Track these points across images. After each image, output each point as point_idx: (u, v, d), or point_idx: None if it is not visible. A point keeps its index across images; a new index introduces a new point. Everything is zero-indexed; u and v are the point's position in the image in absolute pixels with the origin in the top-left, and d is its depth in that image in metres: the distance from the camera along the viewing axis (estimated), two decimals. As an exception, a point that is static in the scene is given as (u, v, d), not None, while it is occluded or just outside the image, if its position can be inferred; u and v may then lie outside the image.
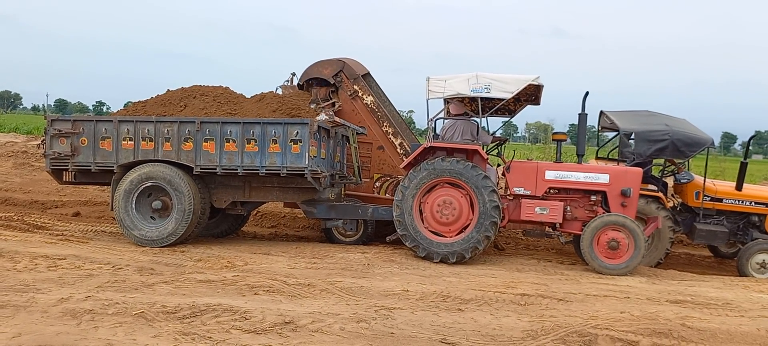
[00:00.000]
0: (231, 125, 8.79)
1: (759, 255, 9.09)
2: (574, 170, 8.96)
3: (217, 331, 5.11)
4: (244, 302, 5.92)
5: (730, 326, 5.74)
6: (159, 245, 8.73)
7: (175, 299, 5.94)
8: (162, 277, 6.86)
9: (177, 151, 8.87)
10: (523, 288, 7.05)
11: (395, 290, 6.73)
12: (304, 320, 5.46)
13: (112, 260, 7.61)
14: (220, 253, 8.52)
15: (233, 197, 9.33)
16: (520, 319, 5.81)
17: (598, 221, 8.48)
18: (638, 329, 5.54)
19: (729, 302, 6.81)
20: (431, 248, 8.66)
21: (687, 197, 9.70)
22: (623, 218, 8.42)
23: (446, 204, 8.72)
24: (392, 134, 10.72)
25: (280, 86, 11.09)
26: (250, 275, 7.10)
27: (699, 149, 9.24)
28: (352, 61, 10.99)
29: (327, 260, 8.29)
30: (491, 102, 9.10)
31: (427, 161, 8.80)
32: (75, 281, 6.54)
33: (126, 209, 8.85)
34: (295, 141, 8.61)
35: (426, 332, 5.33)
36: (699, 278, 8.56)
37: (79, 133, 9.03)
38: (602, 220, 8.47)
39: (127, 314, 5.41)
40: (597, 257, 8.44)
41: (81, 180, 9.59)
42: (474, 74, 8.61)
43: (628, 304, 6.53)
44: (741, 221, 9.61)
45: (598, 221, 8.49)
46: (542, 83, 8.84)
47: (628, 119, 9.78)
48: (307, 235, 11.54)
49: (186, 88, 10.06)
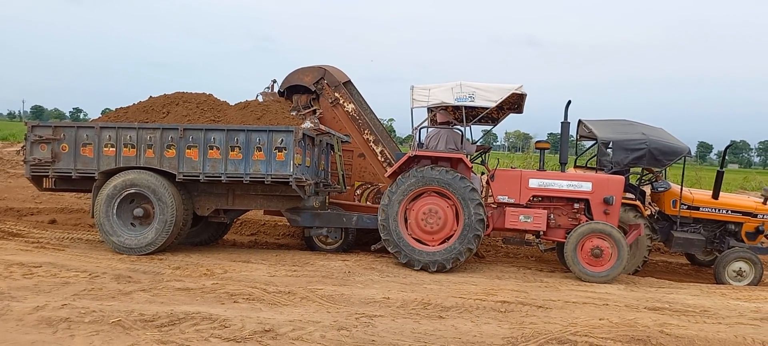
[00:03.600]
0: (215, 132, 8.72)
1: (735, 263, 9.21)
2: (557, 178, 9.03)
3: (195, 339, 5.05)
4: (224, 310, 5.87)
5: (708, 333, 5.80)
6: (136, 254, 8.63)
7: (153, 307, 5.88)
8: (140, 285, 6.78)
9: (159, 158, 8.77)
10: (504, 295, 7.07)
11: (376, 297, 6.72)
12: (285, 328, 5.43)
13: (88, 268, 7.51)
14: (199, 261, 8.44)
15: (216, 204, 9.25)
16: (500, 326, 5.83)
17: (585, 227, 8.55)
18: (617, 335, 5.59)
19: (706, 309, 6.89)
20: (413, 255, 8.66)
21: (664, 205, 9.80)
22: (610, 227, 8.50)
23: (432, 213, 8.72)
24: (373, 142, 10.72)
25: (261, 93, 11.03)
26: (229, 283, 7.04)
27: (676, 158, 9.36)
28: (333, 68, 10.97)
29: (307, 268, 8.26)
30: (475, 111, 9.15)
31: (416, 168, 8.80)
32: (51, 288, 6.44)
33: (107, 214, 8.72)
34: (279, 149, 8.57)
35: (407, 340, 5.32)
36: (677, 286, 8.66)
37: (60, 140, 8.89)
38: (589, 226, 8.54)
39: (103, 323, 5.33)
40: (579, 263, 8.50)
41: (61, 187, 9.45)
42: (458, 83, 8.65)
43: (606, 311, 6.58)
44: (717, 229, 9.72)
45: (585, 227, 8.56)
46: (525, 92, 8.92)
47: (606, 128, 9.88)
48: (287, 242, 11.48)
49: (169, 94, 9.96)
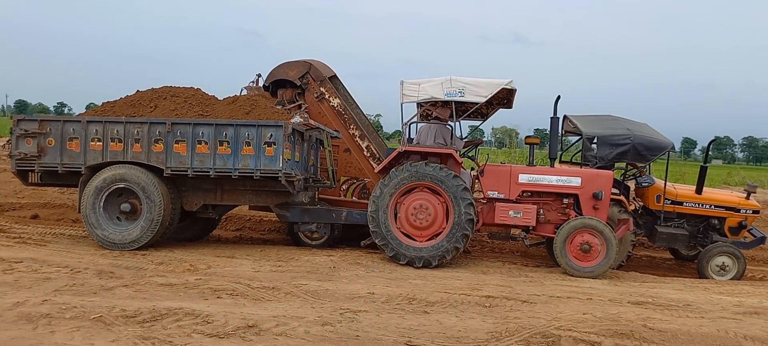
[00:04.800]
0: (203, 127, 8.64)
1: (718, 257, 9.29)
2: (546, 174, 9.04)
3: (178, 335, 5.00)
4: (207, 306, 5.82)
5: (691, 327, 5.84)
6: (120, 249, 8.55)
7: (135, 302, 5.81)
8: (122, 280, 6.71)
9: (147, 152, 8.68)
10: (488, 290, 7.08)
11: (361, 292, 6.70)
12: (268, 323, 5.39)
13: (70, 263, 7.41)
14: (182, 256, 8.38)
15: (205, 200, 9.18)
16: (484, 321, 5.82)
17: (576, 222, 8.57)
18: (601, 330, 5.60)
19: (689, 303, 6.93)
20: (400, 249, 8.65)
21: (648, 200, 9.86)
22: (602, 223, 8.52)
23: (422, 208, 8.71)
24: (359, 137, 10.69)
25: (245, 87, 10.96)
26: (213, 279, 6.99)
27: (660, 153, 9.41)
28: (318, 63, 10.92)
29: (292, 263, 8.22)
30: (465, 106, 9.12)
31: (410, 163, 8.77)
32: (32, 284, 6.35)
33: (94, 207, 8.62)
34: (269, 143, 8.51)
35: (391, 335, 5.30)
36: (660, 280, 8.72)
37: (46, 134, 8.78)
38: (581, 221, 8.56)
39: (84, 319, 5.27)
40: (567, 257, 8.52)
41: (47, 182, 9.32)
42: (448, 78, 8.64)
43: (590, 305, 6.60)
44: (701, 223, 9.79)
45: (576, 221, 8.58)
46: (515, 87, 8.91)
47: (591, 124, 9.92)
48: (272, 238, 11.44)
49: (156, 88, 9.85)
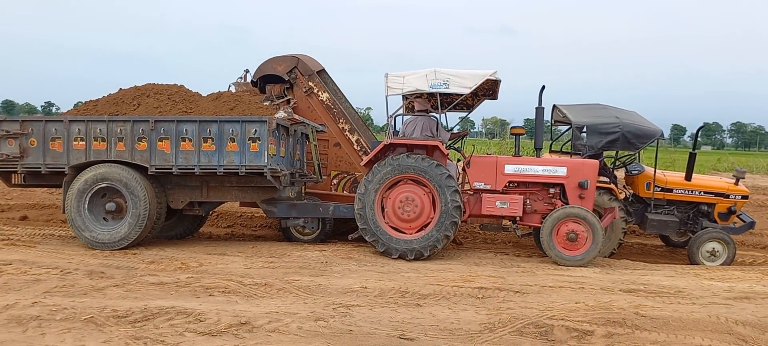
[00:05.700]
0: (187, 124, 8.59)
1: (709, 243, 9.35)
2: (532, 164, 9.05)
3: (170, 334, 4.98)
4: (199, 304, 5.80)
5: (682, 313, 5.87)
6: (110, 249, 8.50)
7: (127, 302, 5.78)
8: (113, 280, 6.67)
9: (131, 151, 8.63)
10: (481, 282, 7.08)
11: (353, 287, 6.69)
12: (261, 320, 5.38)
13: (60, 264, 7.36)
14: (173, 254, 8.34)
15: (190, 197, 9.14)
16: (477, 312, 5.83)
17: (560, 212, 8.59)
18: (593, 318, 5.62)
19: (681, 289, 6.96)
20: (390, 243, 8.64)
21: (638, 188, 9.90)
22: (585, 211, 8.55)
23: (408, 201, 8.70)
24: (348, 131, 10.65)
25: (233, 83, 10.90)
26: (204, 276, 6.96)
27: (649, 141, 9.43)
28: (306, 57, 10.86)
29: (284, 259, 8.20)
30: (450, 97, 9.10)
31: (392, 156, 8.76)
32: (21, 286, 6.30)
33: (78, 209, 8.57)
34: (253, 139, 8.46)
35: (384, 329, 5.30)
36: (651, 267, 8.76)
37: (28, 134, 8.71)
38: (564, 211, 8.58)
39: (75, 320, 5.23)
40: (554, 247, 8.55)
41: (31, 183, 9.26)
42: (432, 70, 8.62)
43: (582, 294, 6.62)
44: (691, 210, 9.85)
45: (560, 211, 8.60)
46: (499, 78, 8.91)
47: (580, 113, 9.93)
48: (264, 234, 11.40)
49: (139, 86, 9.79)
